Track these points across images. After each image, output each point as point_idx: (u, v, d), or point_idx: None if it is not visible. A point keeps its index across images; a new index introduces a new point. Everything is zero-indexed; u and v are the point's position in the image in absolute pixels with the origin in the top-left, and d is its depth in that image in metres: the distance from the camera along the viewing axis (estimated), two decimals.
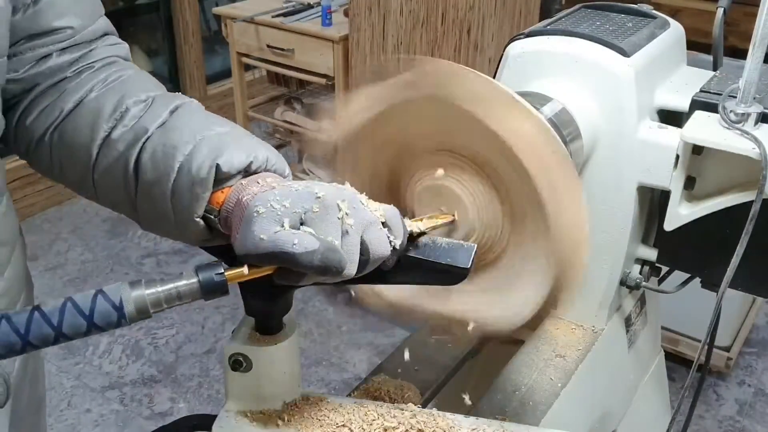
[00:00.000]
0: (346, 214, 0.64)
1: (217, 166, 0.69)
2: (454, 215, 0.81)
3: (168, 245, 3.02)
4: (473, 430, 0.77)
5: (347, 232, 0.64)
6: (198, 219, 0.70)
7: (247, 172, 0.71)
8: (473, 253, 0.70)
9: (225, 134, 0.72)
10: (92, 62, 0.79)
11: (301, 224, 0.63)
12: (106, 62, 0.81)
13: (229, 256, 0.70)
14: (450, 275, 0.70)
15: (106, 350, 2.52)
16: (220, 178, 0.69)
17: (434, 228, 0.77)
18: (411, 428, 0.77)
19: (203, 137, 0.71)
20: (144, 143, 0.72)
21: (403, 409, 0.79)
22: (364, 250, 0.65)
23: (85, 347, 2.51)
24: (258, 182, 0.69)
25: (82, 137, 0.74)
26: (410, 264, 0.71)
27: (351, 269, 0.64)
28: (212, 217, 0.70)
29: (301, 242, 0.61)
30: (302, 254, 0.61)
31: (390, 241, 0.67)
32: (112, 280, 2.84)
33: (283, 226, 0.62)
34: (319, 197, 0.63)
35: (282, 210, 0.63)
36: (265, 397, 0.78)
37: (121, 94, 0.76)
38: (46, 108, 0.77)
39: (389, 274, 0.71)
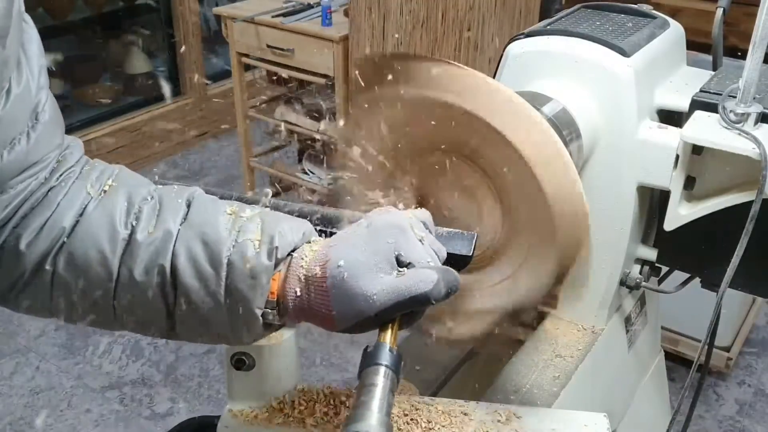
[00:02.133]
0: (416, 231, 0.62)
1: (275, 250, 0.63)
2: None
3: None
4: (487, 413, 0.79)
5: (429, 246, 0.63)
6: (259, 313, 0.63)
7: (294, 249, 0.65)
8: (474, 240, 0.72)
9: (260, 216, 0.66)
10: (71, 167, 0.69)
11: (399, 262, 0.60)
12: (82, 164, 0.71)
13: None
14: (452, 264, 0.71)
15: (106, 350, 2.52)
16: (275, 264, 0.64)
17: None
18: (410, 411, 0.78)
19: (242, 226, 0.64)
20: (174, 245, 0.64)
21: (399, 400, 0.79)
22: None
23: (85, 347, 2.51)
24: (307, 251, 0.63)
25: (95, 253, 0.64)
26: None
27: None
28: (269, 310, 0.64)
29: (424, 278, 0.57)
30: (432, 290, 0.58)
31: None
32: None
33: (385, 272, 0.58)
34: (398, 225, 0.61)
35: (369, 256, 0.58)
36: (268, 394, 0.78)
37: (126, 195, 0.67)
38: (43, 228, 0.65)
39: None
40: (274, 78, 2.89)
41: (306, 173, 2.87)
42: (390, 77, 0.76)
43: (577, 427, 0.80)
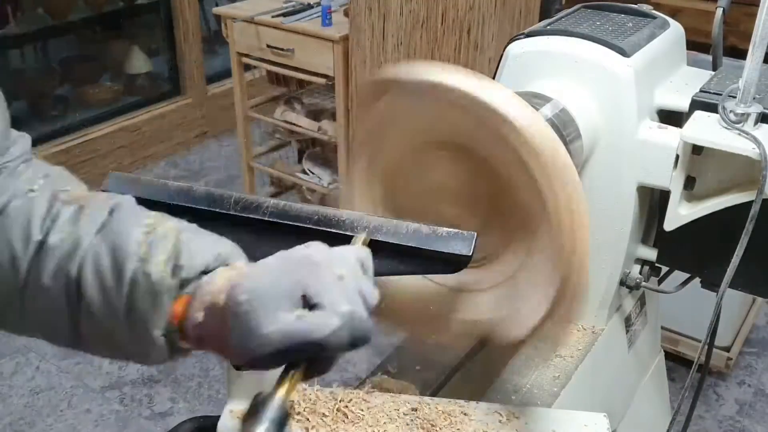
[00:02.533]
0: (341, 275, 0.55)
1: (178, 269, 0.59)
2: None
3: None
4: (486, 414, 0.79)
5: (348, 291, 0.55)
6: (158, 335, 0.59)
7: (205, 272, 0.61)
8: (474, 240, 0.72)
9: (178, 231, 0.62)
10: (7, 162, 0.67)
11: (305, 301, 0.54)
12: (20, 161, 0.69)
13: None
14: (451, 264, 0.71)
15: None
16: (181, 284, 0.60)
17: None
18: (410, 411, 0.78)
19: (153, 241, 0.60)
20: (83, 254, 0.61)
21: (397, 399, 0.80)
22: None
23: None
24: (219, 276, 0.59)
25: (6, 252, 0.62)
26: (411, 254, 0.72)
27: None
28: (172, 333, 0.60)
29: (321, 324, 0.52)
30: (327, 338, 0.52)
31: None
32: None
33: (285, 310, 0.53)
34: (310, 264, 0.55)
35: (273, 291, 0.53)
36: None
37: (49, 197, 0.65)
38: None
39: (392, 266, 0.72)
40: (276, 78, 2.89)
41: (306, 173, 2.86)
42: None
43: (577, 427, 0.80)
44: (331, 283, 0.55)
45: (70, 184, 0.68)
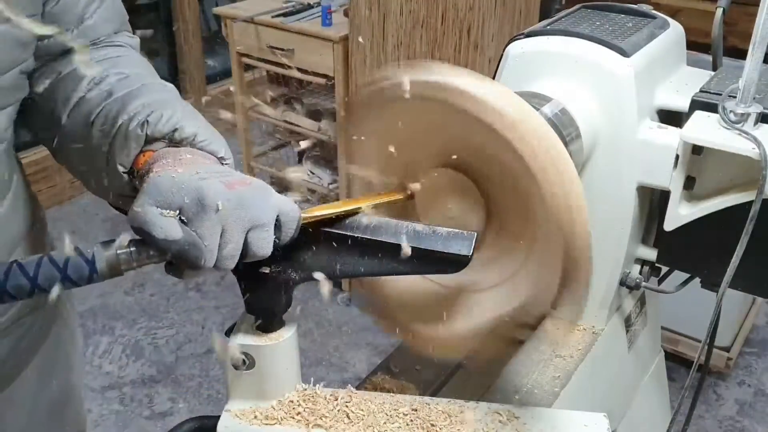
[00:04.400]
0: (227, 213, 0.65)
1: (146, 124, 0.74)
2: (407, 191, 0.82)
3: None
4: (486, 414, 0.79)
5: (225, 230, 0.66)
6: (123, 171, 0.75)
7: (171, 140, 0.74)
8: (474, 240, 0.71)
9: (166, 101, 0.77)
10: (105, 39, 0.88)
11: (180, 216, 0.66)
12: (113, 44, 0.89)
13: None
14: (452, 264, 0.71)
15: (106, 350, 2.52)
16: (147, 140, 0.74)
17: (378, 205, 0.78)
18: (410, 411, 0.78)
19: (150, 101, 0.76)
20: (105, 105, 0.78)
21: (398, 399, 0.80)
22: (245, 250, 0.67)
23: (85, 347, 2.51)
24: (173, 157, 0.71)
25: (61, 101, 0.81)
26: (411, 254, 0.72)
27: (230, 263, 0.67)
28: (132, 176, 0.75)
29: (165, 228, 0.64)
30: (161, 240, 0.64)
31: (275, 242, 0.69)
32: (112, 281, 2.84)
33: (161, 209, 0.65)
34: (201, 195, 0.65)
35: (166, 195, 0.65)
36: (267, 394, 0.78)
37: (108, 65, 0.83)
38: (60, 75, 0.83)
39: (392, 266, 0.72)
40: (276, 78, 2.89)
41: (307, 174, 2.86)
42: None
43: (577, 427, 0.80)
44: (206, 219, 0.65)
45: (139, 66, 0.86)
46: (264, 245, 0.68)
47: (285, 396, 0.79)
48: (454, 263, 0.71)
